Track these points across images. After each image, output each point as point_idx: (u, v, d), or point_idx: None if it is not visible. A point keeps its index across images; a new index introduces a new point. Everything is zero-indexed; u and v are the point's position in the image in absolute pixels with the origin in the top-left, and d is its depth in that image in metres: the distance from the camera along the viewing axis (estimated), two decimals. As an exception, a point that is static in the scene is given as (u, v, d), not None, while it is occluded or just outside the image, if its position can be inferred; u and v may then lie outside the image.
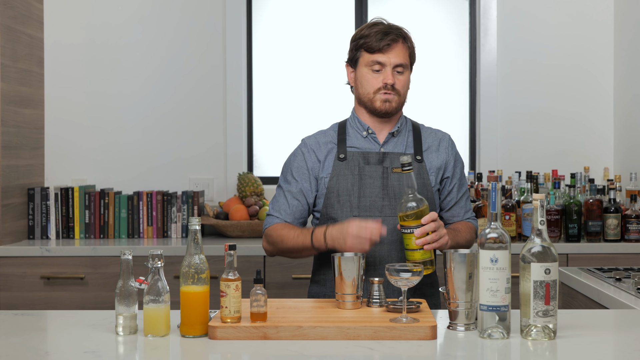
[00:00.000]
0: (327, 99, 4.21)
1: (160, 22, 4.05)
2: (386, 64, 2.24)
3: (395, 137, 2.33)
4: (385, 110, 2.27)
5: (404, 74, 2.27)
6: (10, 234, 3.58)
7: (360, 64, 2.30)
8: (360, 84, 2.31)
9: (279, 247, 2.27)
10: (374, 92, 2.27)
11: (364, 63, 2.28)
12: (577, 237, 3.54)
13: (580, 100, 4.07)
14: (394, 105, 2.27)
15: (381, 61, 2.25)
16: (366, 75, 2.28)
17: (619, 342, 1.78)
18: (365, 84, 2.29)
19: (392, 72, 2.25)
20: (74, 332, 1.83)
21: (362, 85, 2.30)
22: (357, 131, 2.34)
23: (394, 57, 2.25)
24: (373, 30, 2.27)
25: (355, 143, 2.32)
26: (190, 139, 4.04)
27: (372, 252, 2.21)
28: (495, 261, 1.72)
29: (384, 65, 2.25)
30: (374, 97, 2.27)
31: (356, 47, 2.30)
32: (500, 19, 4.06)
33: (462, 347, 1.69)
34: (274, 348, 1.68)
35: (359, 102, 2.35)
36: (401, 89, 2.27)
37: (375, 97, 2.27)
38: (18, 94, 3.67)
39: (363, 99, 2.32)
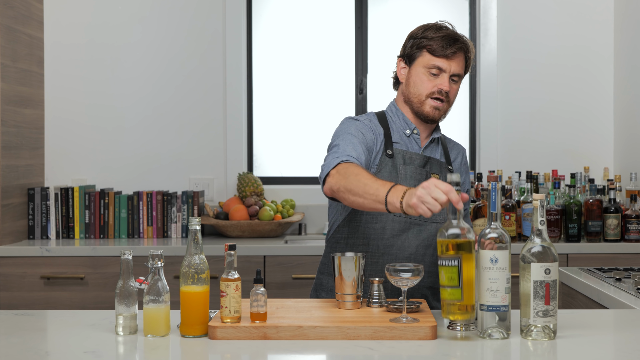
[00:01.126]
0: (327, 99, 4.21)
1: (160, 22, 4.05)
2: (446, 70, 2.20)
3: (433, 143, 2.31)
4: (433, 116, 2.23)
5: (457, 83, 2.25)
6: (10, 234, 3.58)
7: (418, 63, 2.22)
8: (414, 83, 2.23)
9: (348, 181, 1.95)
10: (426, 95, 2.21)
11: (423, 64, 2.21)
12: (577, 237, 3.54)
13: (580, 100, 4.07)
14: (441, 113, 2.24)
15: (442, 67, 2.20)
16: (422, 76, 2.21)
17: (619, 342, 1.78)
18: (419, 84, 2.22)
19: (449, 79, 2.21)
20: (74, 332, 1.83)
21: (416, 85, 2.23)
22: (400, 127, 2.28)
23: (455, 65, 2.21)
24: (440, 34, 2.21)
25: (398, 139, 2.27)
26: (190, 139, 4.04)
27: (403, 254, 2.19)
28: (495, 261, 1.72)
29: (442, 71, 2.20)
30: (425, 100, 2.22)
31: (418, 45, 2.22)
32: (500, 18, 4.06)
33: (462, 347, 1.69)
34: (274, 348, 1.68)
35: (406, 100, 2.27)
36: (452, 97, 2.25)
37: (426, 101, 2.22)
38: (18, 94, 3.67)
39: (412, 99, 2.24)
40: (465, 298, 1.69)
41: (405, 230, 2.21)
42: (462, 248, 1.69)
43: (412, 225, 2.21)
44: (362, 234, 2.22)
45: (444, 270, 1.69)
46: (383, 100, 4.19)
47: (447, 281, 1.69)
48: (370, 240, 2.21)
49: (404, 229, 2.21)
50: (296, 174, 4.16)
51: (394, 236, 2.20)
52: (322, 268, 2.36)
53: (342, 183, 1.97)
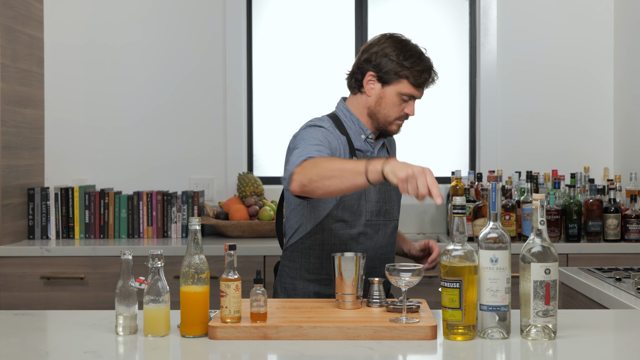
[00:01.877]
0: (326, 99, 4.21)
1: (160, 22, 4.05)
2: (417, 97, 2.30)
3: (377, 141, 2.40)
4: (396, 133, 2.34)
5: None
6: (10, 234, 3.58)
7: (393, 87, 2.27)
8: (385, 105, 2.29)
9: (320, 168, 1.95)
10: (394, 118, 2.30)
11: (398, 90, 2.27)
12: (577, 237, 3.54)
13: (580, 101, 4.07)
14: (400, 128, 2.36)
15: (415, 95, 2.29)
16: (395, 99, 2.27)
17: (619, 342, 1.78)
18: (391, 108, 2.28)
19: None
20: (74, 332, 1.83)
21: (387, 108, 2.29)
22: (356, 132, 2.33)
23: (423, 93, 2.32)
24: (420, 66, 2.26)
25: (357, 145, 2.32)
26: (190, 139, 4.04)
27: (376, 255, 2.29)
28: (495, 261, 1.72)
29: (413, 98, 2.29)
30: (393, 122, 2.30)
31: (396, 72, 2.25)
32: (500, 19, 4.06)
33: (462, 347, 1.69)
34: (274, 348, 1.68)
35: (370, 114, 2.31)
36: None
37: (394, 122, 2.30)
38: (18, 94, 3.67)
39: (379, 117, 2.30)
40: (465, 319, 1.71)
41: (375, 232, 2.30)
42: (465, 271, 1.71)
43: (380, 227, 2.31)
44: (339, 240, 2.27)
45: (446, 291, 1.71)
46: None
47: (449, 302, 1.71)
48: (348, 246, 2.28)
49: (374, 232, 2.30)
50: (296, 174, 4.16)
51: (367, 239, 2.29)
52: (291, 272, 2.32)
53: (314, 172, 1.95)
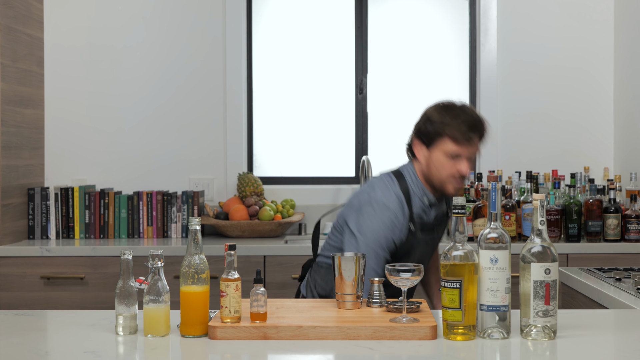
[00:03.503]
0: (327, 99, 4.21)
1: (161, 23, 4.05)
2: (464, 155, 2.29)
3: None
4: (453, 193, 2.34)
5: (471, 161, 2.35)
6: (10, 234, 3.58)
7: (438, 148, 2.30)
8: (435, 168, 2.32)
9: None
10: (447, 177, 2.31)
11: (444, 150, 2.29)
12: (577, 237, 3.54)
13: (580, 101, 4.07)
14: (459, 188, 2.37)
15: (462, 154, 2.29)
16: (442, 160, 2.30)
17: (619, 342, 1.78)
18: (441, 169, 2.31)
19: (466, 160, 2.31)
20: (74, 332, 1.83)
21: (437, 169, 2.32)
22: (419, 198, 2.38)
23: (473, 149, 2.31)
24: (459, 120, 2.27)
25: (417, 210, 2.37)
26: (190, 139, 4.04)
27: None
28: (495, 261, 1.72)
29: (462, 156, 2.29)
30: (447, 180, 2.32)
31: (437, 131, 2.29)
32: (500, 19, 4.05)
33: (462, 347, 1.69)
34: (274, 348, 1.68)
35: (427, 179, 2.37)
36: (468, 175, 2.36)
37: (448, 182, 2.32)
38: (18, 94, 3.67)
39: (434, 180, 2.34)
40: (465, 319, 1.71)
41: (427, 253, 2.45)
42: (465, 271, 1.71)
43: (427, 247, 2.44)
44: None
45: (446, 291, 1.72)
46: (383, 100, 4.20)
47: (449, 302, 1.71)
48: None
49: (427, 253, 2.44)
50: (296, 174, 4.16)
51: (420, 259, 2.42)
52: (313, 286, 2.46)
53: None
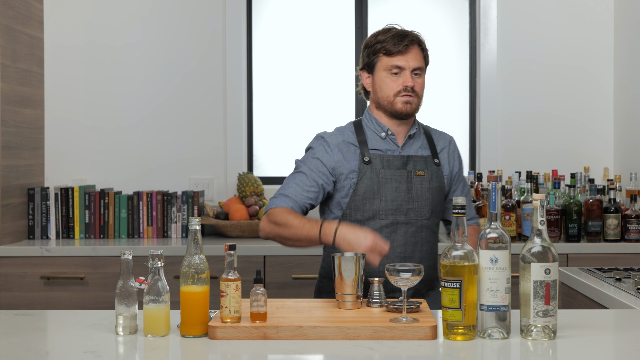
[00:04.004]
0: (326, 99, 4.21)
1: (161, 22, 4.05)
2: (405, 67, 2.27)
3: (412, 139, 2.37)
4: (406, 111, 2.29)
5: (421, 77, 2.31)
6: (10, 234, 3.58)
7: (379, 68, 2.31)
8: (380, 88, 2.31)
9: (280, 231, 2.23)
10: (394, 95, 2.29)
11: (383, 67, 2.30)
12: (577, 237, 3.54)
13: (580, 100, 4.07)
14: (414, 107, 2.30)
15: (400, 65, 2.27)
16: (385, 79, 2.30)
17: (619, 342, 1.78)
18: (385, 87, 2.30)
19: (411, 74, 2.28)
20: (74, 332, 1.83)
21: (382, 89, 2.31)
22: (375, 132, 2.35)
23: (412, 60, 2.28)
24: (389, 34, 2.29)
25: (375, 145, 2.33)
26: (190, 139, 4.04)
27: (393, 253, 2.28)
28: (495, 261, 1.72)
29: (402, 69, 2.28)
30: (395, 99, 2.29)
31: (373, 52, 2.32)
32: (500, 19, 4.06)
33: (462, 347, 1.69)
34: (274, 348, 1.68)
35: (377, 105, 2.35)
36: (419, 91, 2.31)
37: (396, 100, 2.29)
38: (18, 94, 3.67)
39: (382, 103, 2.32)
40: (465, 319, 1.71)
41: (392, 232, 2.29)
42: (465, 271, 1.71)
43: (399, 226, 2.29)
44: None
45: (446, 291, 1.72)
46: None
47: (449, 302, 1.71)
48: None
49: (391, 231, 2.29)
50: (296, 174, 4.16)
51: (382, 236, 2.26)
52: (321, 271, 2.40)
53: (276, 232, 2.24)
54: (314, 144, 2.36)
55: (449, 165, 2.41)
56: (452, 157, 2.42)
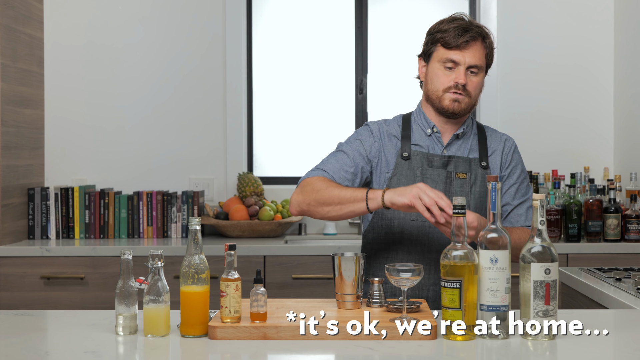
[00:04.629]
0: (327, 99, 4.21)
1: (161, 22, 4.05)
2: (460, 62, 2.13)
3: (460, 139, 2.23)
4: (453, 110, 2.15)
5: (477, 76, 2.16)
6: (10, 234, 3.58)
7: (434, 59, 2.17)
8: (431, 80, 2.18)
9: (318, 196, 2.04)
10: (443, 90, 2.15)
11: (438, 58, 2.15)
12: (577, 237, 3.54)
13: (580, 100, 4.07)
14: (462, 107, 2.16)
15: (456, 59, 2.13)
16: (437, 71, 2.16)
17: (619, 342, 1.78)
18: (435, 80, 2.17)
19: (466, 72, 2.13)
20: (74, 332, 1.83)
21: (432, 82, 2.18)
22: (421, 127, 2.23)
23: (470, 56, 2.13)
24: (452, 25, 2.15)
25: (418, 140, 2.22)
26: (190, 139, 4.04)
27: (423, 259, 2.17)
28: (495, 261, 1.72)
29: (457, 64, 2.13)
30: (443, 95, 2.15)
31: (432, 40, 2.18)
32: (500, 19, 4.06)
33: (462, 347, 1.69)
34: (274, 348, 1.68)
35: (427, 98, 2.22)
36: (473, 90, 2.16)
37: (444, 96, 2.15)
38: (18, 94, 3.67)
39: (431, 96, 2.19)
40: (465, 319, 1.71)
41: (424, 235, 2.17)
42: (465, 271, 1.71)
43: (431, 230, 2.16)
44: (383, 240, 2.21)
45: (446, 291, 1.72)
46: (383, 100, 4.20)
47: (449, 302, 1.71)
48: (391, 246, 2.20)
49: (423, 234, 2.17)
50: (296, 174, 4.16)
51: (412, 241, 2.18)
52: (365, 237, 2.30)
53: (312, 197, 2.06)
54: (358, 130, 2.26)
55: (500, 168, 2.23)
56: (505, 158, 2.24)
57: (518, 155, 2.28)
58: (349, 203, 2.01)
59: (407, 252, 2.19)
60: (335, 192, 2.02)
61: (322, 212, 2.05)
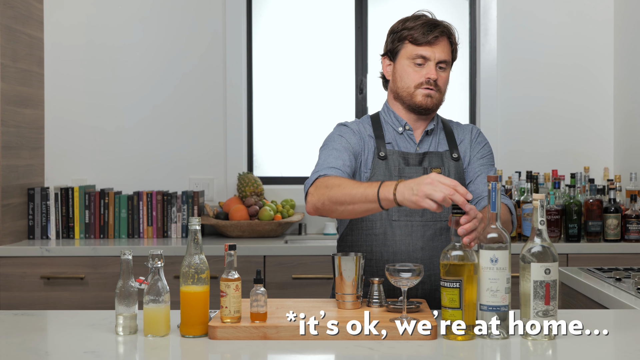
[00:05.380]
0: (326, 99, 4.21)
1: (161, 22, 4.05)
2: (430, 58, 2.13)
3: (430, 135, 2.24)
4: (426, 105, 2.16)
5: (445, 71, 2.17)
6: (10, 234, 3.58)
7: (402, 56, 2.18)
8: (400, 77, 2.18)
9: (331, 194, 1.95)
10: (415, 87, 2.15)
11: (406, 55, 2.16)
12: (577, 237, 3.54)
13: (580, 100, 4.07)
14: (434, 102, 2.17)
15: (426, 55, 2.14)
16: (407, 68, 2.16)
17: (619, 342, 1.78)
18: (405, 77, 2.17)
19: (435, 67, 2.14)
20: (74, 332, 1.83)
21: (402, 79, 2.18)
22: (392, 126, 2.24)
23: (439, 52, 2.14)
24: (419, 22, 2.16)
25: (391, 140, 2.22)
26: (190, 139, 4.04)
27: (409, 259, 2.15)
28: (495, 261, 1.72)
29: (427, 60, 2.14)
30: (415, 91, 2.16)
31: (399, 38, 2.18)
32: (500, 19, 4.06)
33: (462, 347, 1.69)
34: (274, 348, 1.68)
35: (396, 96, 2.22)
36: (443, 85, 2.17)
37: (416, 92, 2.15)
38: (18, 94, 3.67)
39: (401, 93, 2.19)
40: (466, 319, 1.71)
41: (408, 234, 2.16)
42: (464, 270, 1.71)
43: (415, 228, 2.16)
44: (364, 242, 2.19)
45: (446, 291, 1.72)
46: (383, 100, 4.19)
47: (448, 302, 1.72)
48: (374, 248, 2.18)
49: (407, 233, 2.16)
50: (296, 174, 4.16)
51: (395, 242, 2.16)
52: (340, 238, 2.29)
53: (326, 196, 1.97)
54: (335, 130, 2.23)
55: (470, 149, 2.24)
56: (473, 145, 2.25)
57: (484, 137, 2.29)
58: (361, 203, 1.92)
59: (392, 253, 2.16)
60: (347, 190, 1.93)
61: (337, 211, 1.98)
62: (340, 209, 1.96)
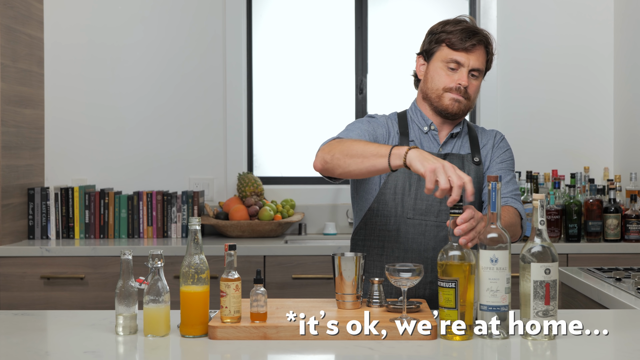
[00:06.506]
0: (327, 99, 4.21)
1: (161, 22, 4.05)
2: (464, 65, 2.14)
3: (455, 138, 2.24)
4: (452, 110, 2.17)
5: (478, 79, 2.18)
6: (10, 234, 3.58)
7: (436, 58, 2.17)
8: (431, 79, 2.18)
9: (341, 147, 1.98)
10: (443, 90, 2.16)
11: (441, 58, 2.16)
12: (577, 237, 3.54)
13: (580, 100, 4.07)
14: (461, 107, 2.17)
15: (460, 61, 2.14)
16: (440, 71, 2.16)
17: (619, 342, 1.78)
18: (437, 79, 2.17)
19: (468, 74, 2.15)
20: (74, 332, 1.83)
21: (433, 80, 2.18)
22: (418, 125, 2.24)
23: (474, 59, 2.15)
24: (458, 27, 2.15)
25: (414, 138, 2.22)
26: (190, 139, 4.04)
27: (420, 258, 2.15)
28: (495, 261, 1.72)
29: (461, 66, 2.14)
30: (443, 94, 2.16)
31: (436, 40, 2.17)
32: (500, 19, 4.06)
33: (462, 347, 1.69)
34: (274, 348, 1.68)
35: (424, 96, 2.22)
36: (472, 93, 2.17)
37: (444, 95, 2.16)
38: (18, 94, 3.67)
39: (430, 95, 2.19)
40: (463, 319, 1.71)
41: (421, 233, 2.17)
42: (460, 270, 1.71)
43: (428, 228, 2.16)
44: (377, 237, 2.20)
45: (442, 291, 1.72)
46: (383, 100, 4.20)
47: (445, 302, 1.72)
48: (385, 244, 2.19)
49: (420, 232, 2.17)
50: (296, 174, 4.16)
51: (408, 240, 2.17)
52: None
53: (337, 149, 1.98)
54: (364, 117, 2.24)
55: (489, 160, 2.25)
56: (495, 149, 2.25)
57: (506, 143, 2.30)
58: (371, 156, 1.91)
59: (403, 251, 2.17)
60: (360, 145, 1.95)
61: (344, 164, 1.97)
62: (348, 162, 1.96)
